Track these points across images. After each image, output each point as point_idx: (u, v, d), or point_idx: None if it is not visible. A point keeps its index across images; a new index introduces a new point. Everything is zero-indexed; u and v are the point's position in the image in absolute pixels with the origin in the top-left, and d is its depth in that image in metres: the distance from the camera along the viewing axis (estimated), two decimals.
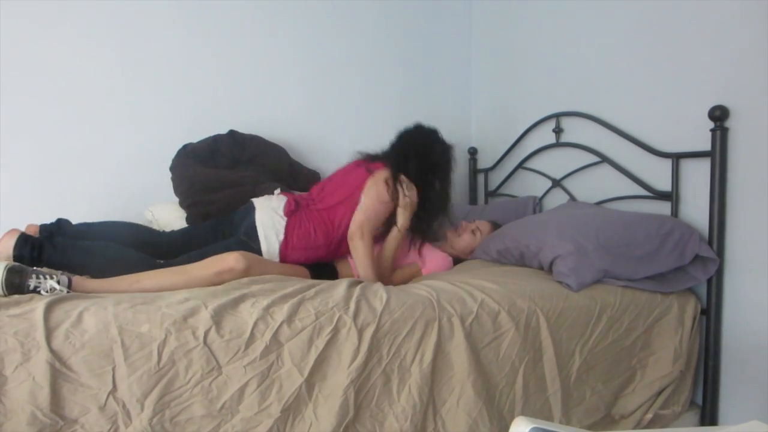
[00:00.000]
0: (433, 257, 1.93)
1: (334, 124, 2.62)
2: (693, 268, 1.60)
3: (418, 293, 1.39)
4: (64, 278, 1.33)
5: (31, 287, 1.25)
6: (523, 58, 2.48)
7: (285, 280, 1.44)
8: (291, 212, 1.74)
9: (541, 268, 1.67)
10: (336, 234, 1.76)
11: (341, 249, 1.79)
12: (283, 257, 1.70)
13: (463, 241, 2.03)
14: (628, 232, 1.60)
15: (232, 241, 1.69)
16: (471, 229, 2.03)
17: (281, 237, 1.69)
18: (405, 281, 1.81)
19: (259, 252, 1.66)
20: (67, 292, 1.29)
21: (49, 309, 1.12)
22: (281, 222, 1.71)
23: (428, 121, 2.76)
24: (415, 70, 2.76)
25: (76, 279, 1.37)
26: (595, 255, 1.54)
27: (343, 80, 2.62)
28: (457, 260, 2.02)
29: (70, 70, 2.16)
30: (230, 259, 1.45)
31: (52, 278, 1.29)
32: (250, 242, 1.68)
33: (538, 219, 1.90)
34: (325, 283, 1.43)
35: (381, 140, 2.69)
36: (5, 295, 1.21)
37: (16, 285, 1.23)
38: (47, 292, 1.26)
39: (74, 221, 1.75)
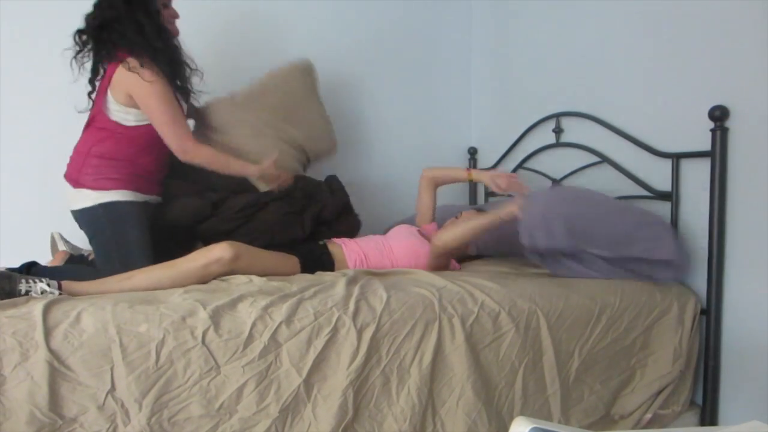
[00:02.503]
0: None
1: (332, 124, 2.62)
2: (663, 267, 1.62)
3: (420, 293, 1.38)
4: (54, 282, 1.33)
5: (23, 291, 1.26)
6: (523, 58, 2.48)
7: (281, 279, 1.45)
8: None
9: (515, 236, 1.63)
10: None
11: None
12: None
13: None
14: (602, 209, 1.63)
15: None
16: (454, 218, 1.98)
17: None
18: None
19: None
20: (59, 293, 1.30)
21: (47, 309, 1.13)
22: None
23: (428, 121, 2.79)
24: (414, 69, 2.75)
25: (65, 282, 1.36)
26: (558, 221, 1.53)
27: (342, 80, 2.62)
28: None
29: (69, 69, 2.16)
30: (217, 250, 1.45)
31: (41, 281, 1.29)
32: None
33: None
34: (323, 281, 1.43)
35: (380, 140, 2.71)
36: None
37: (8, 291, 1.24)
38: (39, 294, 1.26)
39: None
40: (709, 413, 1.61)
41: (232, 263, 1.45)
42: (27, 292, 1.26)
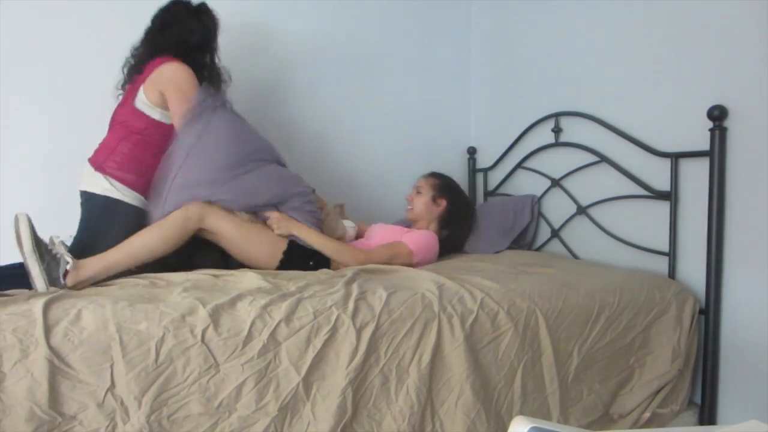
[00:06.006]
0: (418, 237, 1.92)
1: (333, 123, 2.62)
2: None
3: (419, 292, 1.38)
4: (68, 254, 1.43)
5: (54, 252, 1.40)
6: (523, 58, 2.48)
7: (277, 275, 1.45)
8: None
9: None
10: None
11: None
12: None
13: (418, 205, 2.05)
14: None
15: None
16: (415, 192, 2.08)
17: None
18: (389, 259, 1.81)
19: None
20: (70, 262, 1.40)
21: (47, 307, 1.13)
22: None
23: (427, 121, 2.80)
24: (414, 69, 2.76)
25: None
26: None
27: (342, 79, 2.62)
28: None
29: (70, 68, 2.16)
30: (189, 207, 1.62)
31: (63, 246, 1.43)
32: None
33: None
34: (323, 280, 1.43)
35: (380, 139, 2.71)
36: (35, 252, 1.35)
37: (44, 245, 1.39)
38: (64, 258, 1.39)
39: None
40: (707, 412, 1.61)
41: (199, 212, 1.61)
42: (56, 254, 1.39)
